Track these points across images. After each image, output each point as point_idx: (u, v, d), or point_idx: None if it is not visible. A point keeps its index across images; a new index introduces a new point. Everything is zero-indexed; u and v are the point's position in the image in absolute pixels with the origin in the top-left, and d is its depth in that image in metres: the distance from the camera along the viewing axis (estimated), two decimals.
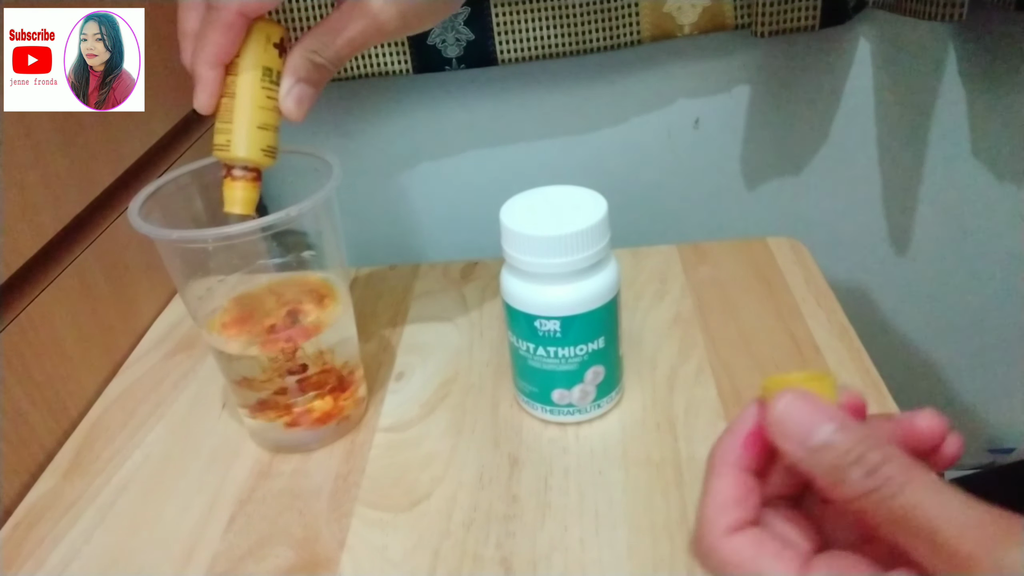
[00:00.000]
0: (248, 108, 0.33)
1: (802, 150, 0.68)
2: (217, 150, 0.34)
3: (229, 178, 0.34)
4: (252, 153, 0.33)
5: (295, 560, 0.34)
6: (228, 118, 0.33)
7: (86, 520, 0.38)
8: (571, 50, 0.58)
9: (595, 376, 0.39)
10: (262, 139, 0.33)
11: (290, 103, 0.33)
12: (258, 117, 0.33)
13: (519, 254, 0.36)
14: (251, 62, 0.33)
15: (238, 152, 0.33)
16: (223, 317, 0.39)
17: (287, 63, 0.33)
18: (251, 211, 0.35)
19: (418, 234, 0.73)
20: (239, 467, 0.40)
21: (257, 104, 0.33)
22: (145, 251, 0.48)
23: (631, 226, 0.53)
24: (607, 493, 0.36)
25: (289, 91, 0.33)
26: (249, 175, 0.34)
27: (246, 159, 0.33)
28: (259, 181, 0.35)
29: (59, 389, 0.43)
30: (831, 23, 0.57)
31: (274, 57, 0.33)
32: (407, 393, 0.44)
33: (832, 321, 0.45)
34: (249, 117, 0.33)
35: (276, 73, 0.33)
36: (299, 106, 0.34)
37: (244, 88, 0.33)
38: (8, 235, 0.39)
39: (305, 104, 0.34)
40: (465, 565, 0.33)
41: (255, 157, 0.33)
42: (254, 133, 0.33)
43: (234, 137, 0.33)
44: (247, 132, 0.33)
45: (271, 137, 0.34)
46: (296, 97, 0.33)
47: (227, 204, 0.35)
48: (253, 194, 0.35)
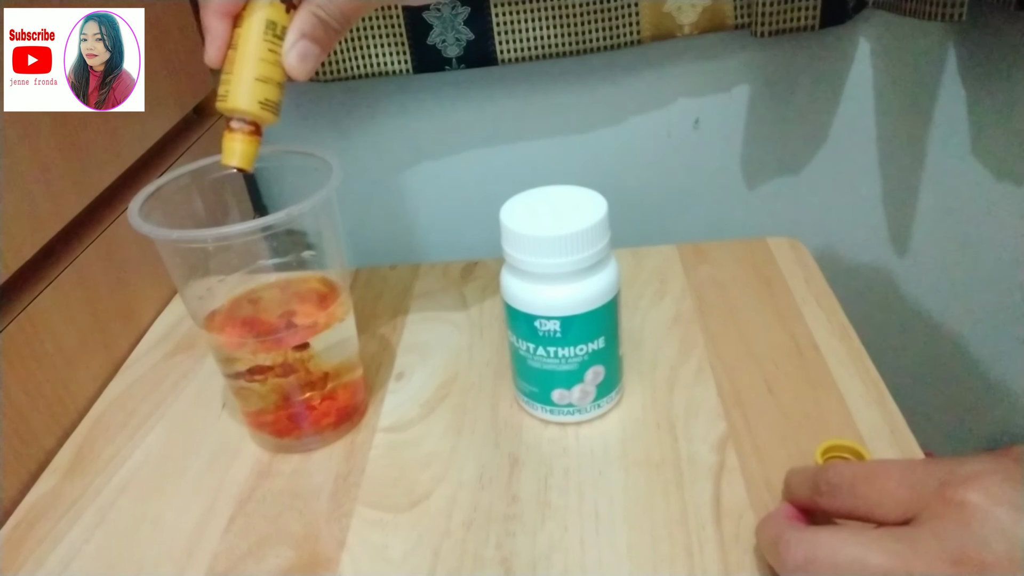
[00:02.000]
0: (249, 59, 0.33)
1: (802, 150, 0.68)
2: (218, 101, 0.34)
3: (228, 130, 0.34)
4: (249, 104, 0.33)
5: (295, 560, 0.34)
6: (230, 69, 0.33)
7: (86, 520, 0.38)
8: (571, 50, 0.58)
9: (595, 376, 0.39)
10: (261, 91, 0.33)
11: (292, 58, 0.33)
12: (258, 69, 0.33)
13: (519, 254, 0.36)
14: (256, 14, 0.33)
15: (235, 102, 0.33)
16: (223, 317, 0.39)
17: (294, 18, 0.33)
18: (248, 166, 0.34)
19: (418, 234, 0.73)
20: (239, 467, 0.40)
21: (258, 56, 0.33)
22: (145, 251, 0.48)
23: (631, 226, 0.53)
24: (607, 493, 0.36)
25: (292, 46, 0.33)
26: (247, 128, 0.34)
27: (243, 110, 0.33)
28: (258, 136, 0.34)
29: (59, 389, 0.43)
30: (831, 23, 0.57)
31: (280, 12, 0.33)
32: (407, 393, 0.44)
33: (832, 321, 0.45)
34: (249, 68, 0.33)
35: (282, 28, 0.33)
36: (301, 62, 0.33)
37: (246, 39, 0.33)
38: (8, 235, 0.39)
39: (308, 62, 0.33)
40: (465, 565, 0.33)
41: (252, 109, 0.33)
42: (253, 84, 0.33)
43: (232, 87, 0.33)
44: (245, 82, 0.33)
45: (271, 91, 0.33)
46: (299, 52, 0.33)
47: (224, 156, 0.34)
48: (250, 148, 0.34)
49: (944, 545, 0.24)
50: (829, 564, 0.26)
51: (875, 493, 0.27)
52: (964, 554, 0.23)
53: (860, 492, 0.27)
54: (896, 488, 0.26)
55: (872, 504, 0.27)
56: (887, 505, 0.26)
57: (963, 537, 0.24)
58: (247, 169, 0.35)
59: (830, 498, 0.29)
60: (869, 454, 0.35)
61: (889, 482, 0.27)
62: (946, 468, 0.26)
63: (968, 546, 0.23)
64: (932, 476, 0.26)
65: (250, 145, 0.34)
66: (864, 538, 0.25)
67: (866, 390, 0.40)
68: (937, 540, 0.24)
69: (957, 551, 0.23)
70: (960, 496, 0.24)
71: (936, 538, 0.24)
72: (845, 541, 0.26)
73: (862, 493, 0.27)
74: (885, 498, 0.27)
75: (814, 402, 0.40)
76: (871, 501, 0.27)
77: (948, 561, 0.23)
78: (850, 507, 0.28)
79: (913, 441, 0.37)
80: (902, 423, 0.38)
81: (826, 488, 0.29)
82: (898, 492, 0.26)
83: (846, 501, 0.28)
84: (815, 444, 0.36)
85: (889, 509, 0.26)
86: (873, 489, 0.27)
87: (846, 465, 0.29)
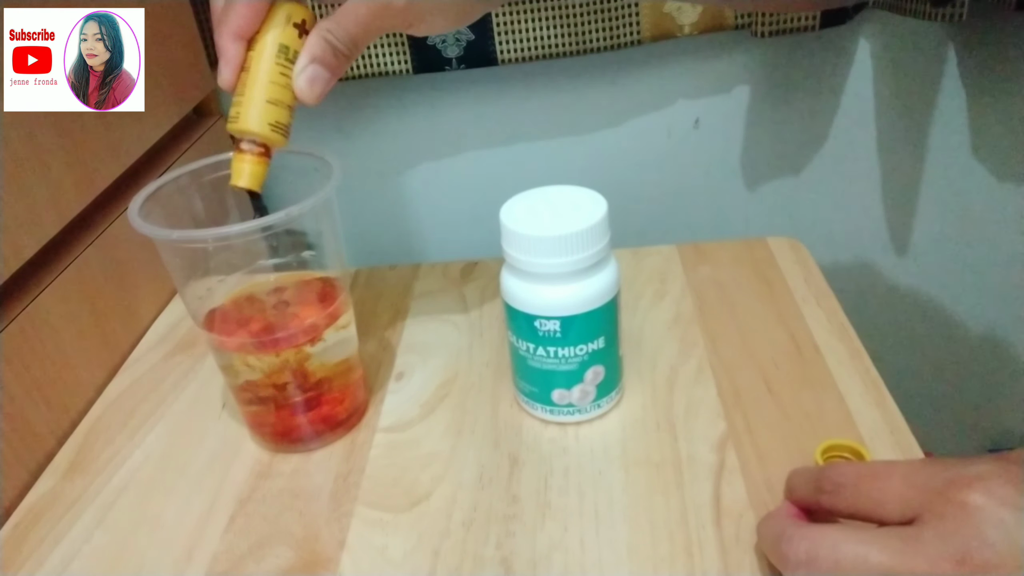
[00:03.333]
0: (260, 82, 0.33)
1: (802, 150, 0.68)
2: (229, 122, 0.34)
3: (238, 151, 0.34)
4: (260, 126, 0.33)
5: (295, 560, 0.34)
6: (242, 91, 0.33)
7: (86, 520, 0.38)
8: (571, 50, 0.58)
9: (595, 376, 0.39)
10: (271, 114, 0.33)
11: (302, 82, 0.33)
12: (270, 92, 0.33)
13: (519, 254, 0.36)
14: (268, 37, 0.33)
15: (246, 124, 0.33)
16: (223, 317, 0.39)
17: (305, 43, 0.33)
18: (256, 187, 0.35)
19: (418, 234, 0.73)
20: (239, 467, 0.40)
21: (270, 79, 0.33)
22: (145, 251, 0.48)
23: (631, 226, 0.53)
24: (607, 493, 0.36)
25: (303, 70, 0.33)
26: (257, 149, 0.34)
27: (253, 132, 0.33)
28: (267, 157, 0.35)
29: (59, 389, 0.43)
30: (831, 23, 0.57)
31: (293, 36, 0.33)
32: (407, 393, 0.44)
33: (832, 321, 0.45)
34: (260, 90, 0.33)
35: (294, 52, 0.33)
36: (311, 86, 0.33)
37: (258, 62, 0.33)
38: (8, 235, 0.39)
39: (318, 86, 0.34)
40: (465, 565, 0.33)
41: (263, 131, 0.33)
42: (264, 107, 0.33)
43: (243, 109, 0.33)
44: (257, 105, 0.33)
45: (282, 114, 0.34)
46: (309, 77, 0.33)
47: (234, 177, 0.34)
48: (259, 169, 0.34)
49: (946, 545, 0.24)
50: (831, 561, 0.26)
51: (878, 492, 0.27)
52: (967, 554, 0.23)
53: (864, 491, 0.27)
54: (900, 488, 0.26)
55: (875, 503, 0.27)
56: (890, 505, 0.26)
57: (966, 537, 0.24)
58: (256, 190, 0.35)
59: (833, 497, 0.29)
60: (869, 454, 0.35)
61: (892, 482, 0.27)
62: (950, 469, 0.26)
63: (971, 546, 0.23)
64: (935, 477, 0.26)
65: (259, 166, 0.34)
66: (866, 536, 0.26)
67: (866, 390, 0.40)
68: (940, 540, 0.24)
69: (960, 551, 0.24)
70: (963, 497, 0.24)
71: (939, 538, 0.24)
72: (847, 538, 0.26)
73: (865, 492, 0.27)
74: (888, 498, 0.27)
75: (814, 402, 0.40)
76: (874, 500, 0.27)
77: (950, 561, 0.24)
78: (853, 506, 0.28)
79: (913, 441, 0.37)
80: (902, 423, 0.38)
81: (830, 487, 0.29)
82: (901, 492, 0.26)
83: (849, 500, 0.28)
84: (815, 444, 0.36)
85: (892, 509, 0.26)
86: (877, 488, 0.27)
87: (850, 465, 0.29)
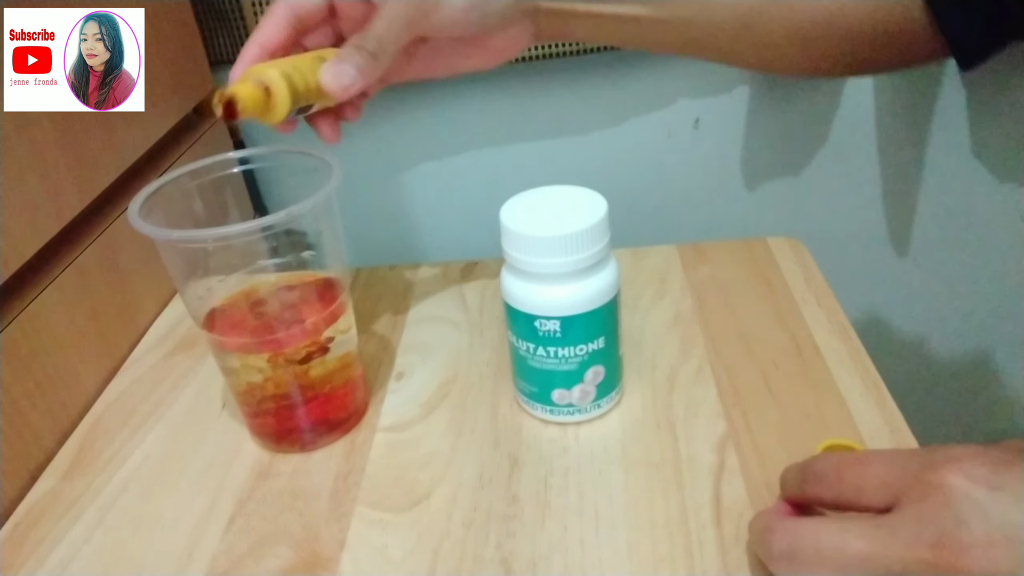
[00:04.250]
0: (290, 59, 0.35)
1: (802, 150, 0.68)
2: None
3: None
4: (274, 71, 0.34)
5: (295, 560, 0.34)
6: None
7: (86, 520, 0.38)
8: (571, 50, 0.58)
9: (595, 376, 0.39)
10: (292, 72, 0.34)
11: (328, 75, 0.34)
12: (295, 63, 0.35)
13: (519, 254, 0.36)
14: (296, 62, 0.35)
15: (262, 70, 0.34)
16: (223, 317, 0.39)
17: None
18: (236, 105, 0.33)
19: (418, 234, 0.73)
20: (239, 467, 0.40)
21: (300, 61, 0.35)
22: (145, 251, 0.48)
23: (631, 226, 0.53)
24: (607, 493, 0.36)
25: (329, 67, 0.34)
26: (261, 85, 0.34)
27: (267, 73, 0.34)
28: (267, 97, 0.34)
29: (59, 389, 0.43)
30: None
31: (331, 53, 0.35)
32: (407, 393, 0.44)
33: (832, 321, 0.45)
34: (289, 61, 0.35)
35: None
36: (336, 79, 0.34)
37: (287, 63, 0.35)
38: (8, 235, 0.39)
39: (343, 79, 0.34)
40: (465, 565, 0.33)
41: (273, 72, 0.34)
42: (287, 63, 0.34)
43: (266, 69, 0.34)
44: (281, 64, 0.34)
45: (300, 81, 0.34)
46: (334, 71, 0.34)
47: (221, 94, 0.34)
48: (249, 92, 0.34)
49: (923, 529, 0.24)
50: (812, 551, 0.26)
51: (859, 479, 0.27)
52: (942, 536, 0.24)
53: (845, 479, 0.28)
54: (880, 474, 0.27)
55: (857, 490, 0.27)
56: (870, 491, 0.27)
57: (942, 519, 0.24)
58: (234, 105, 0.33)
59: (817, 486, 0.29)
60: None
61: (873, 468, 0.27)
62: (928, 454, 0.26)
63: (947, 528, 0.24)
64: (913, 461, 0.26)
65: (254, 91, 0.34)
66: (845, 525, 0.26)
67: (866, 390, 0.40)
68: (917, 524, 0.24)
69: (936, 534, 0.24)
70: (939, 479, 0.25)
71: (916, 522, 0.24)
72: (827, 529, 0.26)
73: (847, 480, 0.28)
74: (868, 483, 0.27)
75: (814, 402, 0.40)
76: (856, 487, 0.27)
77: (927, 544, 0.24)
78: (836, 494, 0.28)
79: (913, 441, 0.37)
80: (902, 423, 0.38)
81: (813, 477, 0.29)
82: (882, 478, 0.27)
83: (832, 488, 0.28)
84: (815, 444, 0.36)
85: (872, 495, 0.27)
86: (857, 475, 0.28)
87: (833, 454, 0.30)
